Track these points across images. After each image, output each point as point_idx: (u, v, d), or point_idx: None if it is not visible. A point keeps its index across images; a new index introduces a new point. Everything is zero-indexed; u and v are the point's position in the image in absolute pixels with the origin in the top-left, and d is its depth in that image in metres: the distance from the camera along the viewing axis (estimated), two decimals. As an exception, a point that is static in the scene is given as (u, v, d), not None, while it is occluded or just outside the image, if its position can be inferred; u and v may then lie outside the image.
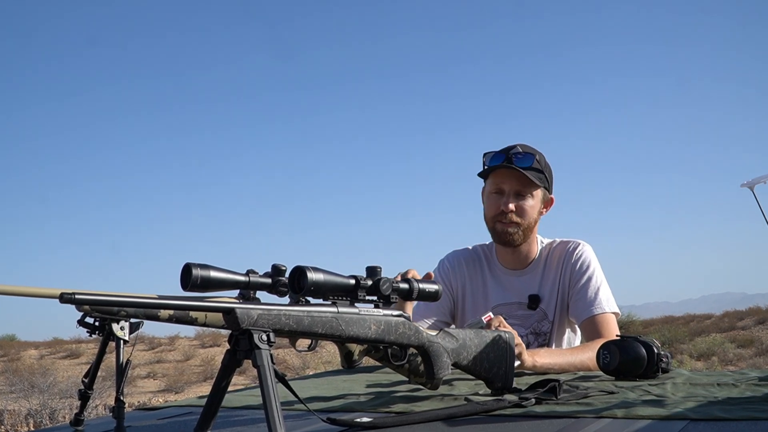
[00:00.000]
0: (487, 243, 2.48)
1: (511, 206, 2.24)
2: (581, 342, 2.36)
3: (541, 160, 2.27)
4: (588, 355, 1.97)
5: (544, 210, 2.34)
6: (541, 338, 2.31)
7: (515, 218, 2.25)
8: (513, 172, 2.22)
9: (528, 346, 2.08)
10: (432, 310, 2.37)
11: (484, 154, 2.29)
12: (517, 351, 1.72)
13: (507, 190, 2.25)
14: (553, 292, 2.32)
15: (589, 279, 2.27)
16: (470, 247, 2.50)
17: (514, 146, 2.24)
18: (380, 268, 1.34)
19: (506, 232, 2.27)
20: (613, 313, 2.23)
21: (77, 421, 1.50)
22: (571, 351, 2.07)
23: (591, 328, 2.20)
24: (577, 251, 2.33)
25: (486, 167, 2.27)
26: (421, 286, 1.41)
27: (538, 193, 2.29)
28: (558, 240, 2.40)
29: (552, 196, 2.35)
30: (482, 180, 2.36)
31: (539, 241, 2.38)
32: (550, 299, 2.32)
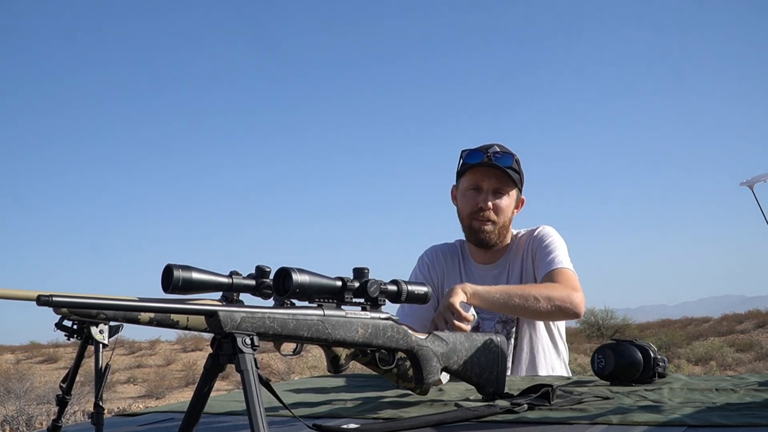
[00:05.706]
0: (463, 239, 2.50)
1: (490, 203, 2.26)
2: (559, 341, 2.37)
3: (518, 161, 2.30)
4: (537, 288, 2.04)
5: (516, 210, 2.37)
6: (509, 326, 2.30)
7: (492, 216, 2.28)
8: (492, 171, 2.25)
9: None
10: (421, 310, 2.34)
11: (462, 152, 2.31)
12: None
13: (485, 188, 2.27)
14: (518, 278, 2.32)
15: (549, 245, 2.28)
16: (451, 242, 2.51)
17: (492, 145, 2.27)
18: (368, 269, 1.33)
19: (483, 230, 2.29)
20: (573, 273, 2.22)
21: (55, 427, 1.47)
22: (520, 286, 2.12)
23: (550, 281, 2.19)
24: (537, 231, 2.36)
25: (464, 164, 2.29)
26: (410, 288, 1.39)
27: (513, 193, 2.32)
28: (524, 230, 2.41)
29: (523, 197, 2.38)
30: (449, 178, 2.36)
31: (511, 236, 2.40)
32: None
